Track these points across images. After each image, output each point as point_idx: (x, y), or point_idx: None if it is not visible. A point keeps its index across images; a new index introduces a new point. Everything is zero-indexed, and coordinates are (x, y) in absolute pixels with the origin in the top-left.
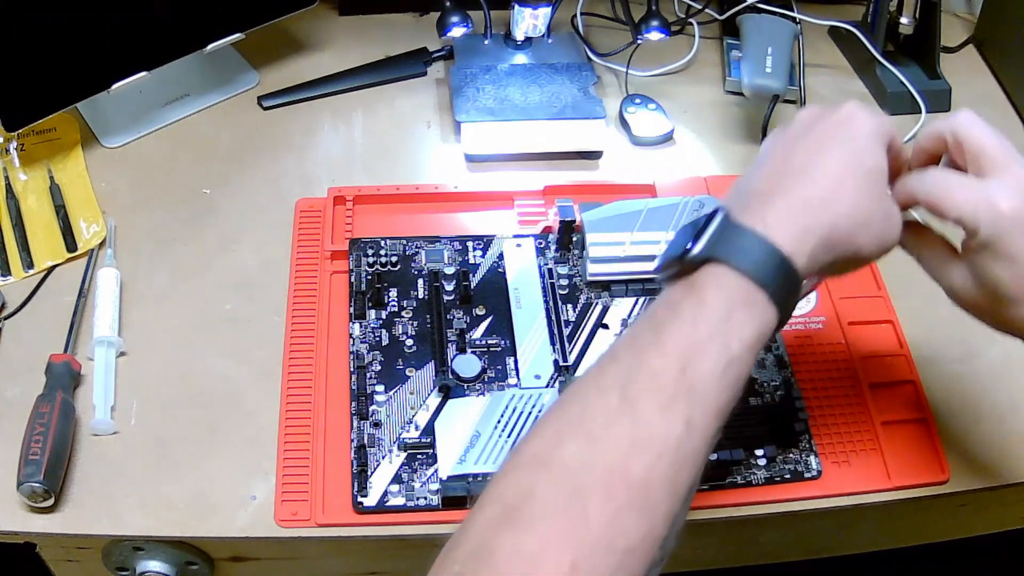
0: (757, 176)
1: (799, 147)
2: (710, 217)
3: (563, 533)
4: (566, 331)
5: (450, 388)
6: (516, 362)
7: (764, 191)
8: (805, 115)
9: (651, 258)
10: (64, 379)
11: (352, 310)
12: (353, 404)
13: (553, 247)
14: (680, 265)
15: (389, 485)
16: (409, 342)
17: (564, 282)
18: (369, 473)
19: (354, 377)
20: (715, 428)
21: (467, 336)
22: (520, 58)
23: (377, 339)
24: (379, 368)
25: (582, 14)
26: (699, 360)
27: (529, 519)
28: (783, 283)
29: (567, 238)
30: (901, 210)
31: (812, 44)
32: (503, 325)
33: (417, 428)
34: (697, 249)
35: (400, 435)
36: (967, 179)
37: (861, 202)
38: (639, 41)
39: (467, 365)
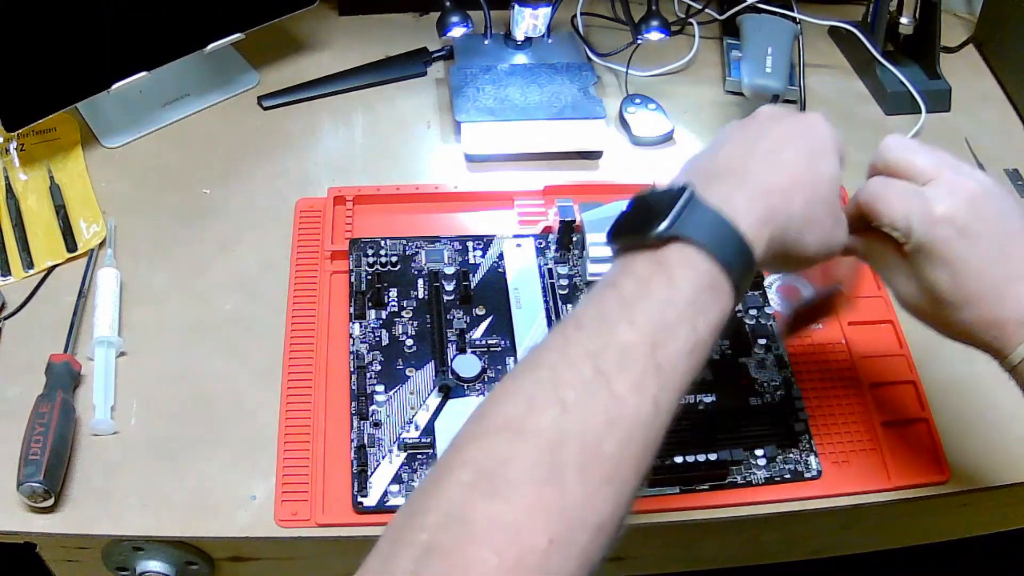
0: (721, 154)
1: (765, 135)
2: (677, 192)
3: (542, 505)
4: None
5: (450, 388)
6: (516, 362)
7: (730, 170)
8: (767, 111)
9: None
10: (64, 379)
11: (352, 310)
12: (353, 404)
13: (553, 247)
14: (644, 239)
15: (389, 485)
16: (409, 342)
17: (564, 282)
18: (369, 473)
19: (354, 377)
20: (675, 409)
21: (467, 336)
22: (520, 58)
23: (377, 339)
24: (379, 368)
25: (582, 14)
26: (668, 340)
27: (507, 488)
28: (745, 269)
29: (567, 238)
30: (851, 224)
31: (812, 44)
32: (503, 325)
33: (417, 428)
34: (665, 225)
35: (400, 435)
36: (901, 184)
37: (815, 203)
38: (639, 41)
39: (467, 365)
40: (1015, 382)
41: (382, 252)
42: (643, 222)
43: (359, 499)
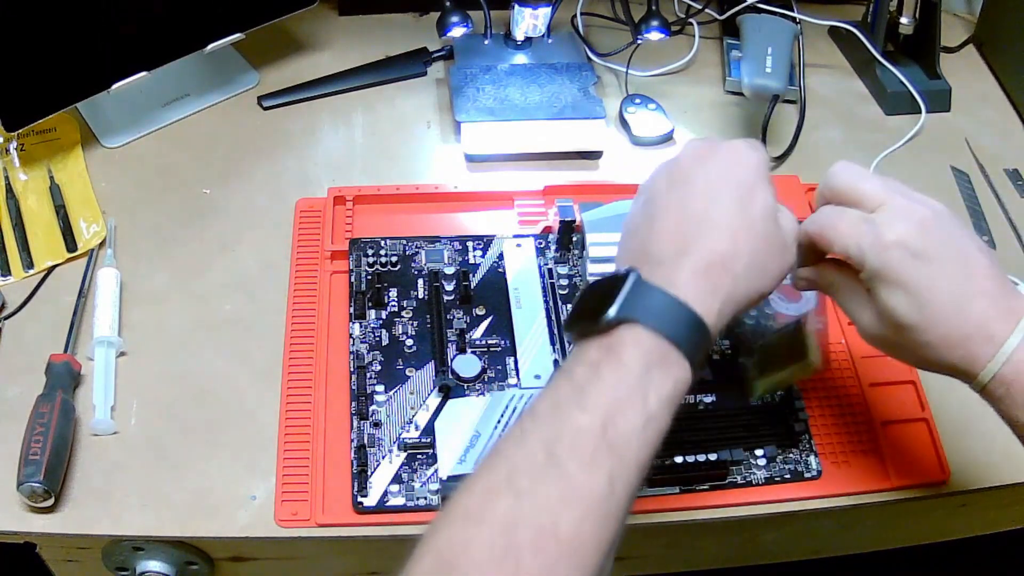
0: (656, 229)
1: (692, 194)
2: (623, 278)
3: None
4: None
5: (450, 388)
6: (516, 362)
7: (668, 248)
8: (690, 152)
9: None
10: (64, 379)
11: (352, 310)
12: (353, 404)
13: (553, 247)
14: (595, 326)
15: (389, 485)
16: (409, 342)
17: (564, 282)
18: (369, 473)
19: (354, 377)
20: (636, 484)
21: (467, 336)
22: (520, 58)
23: (377, 339)
24: (379, 368)
25: (582, 14)
26: (620, 418)
27: (465, 572)
28: (696, 340)
29: (567, 238)
30: (804, 255)
31: (812, 44)
32: (503, 325)
33: (417, 428)
34: (613, 312)
35: (400, 435)
36: (851, 212)
37: (757, 249)
38: (639, 41)
39: (467, 365)
40: (988, 402)
41: (382, 252)
42: (594, 309)
43: (359, 499)
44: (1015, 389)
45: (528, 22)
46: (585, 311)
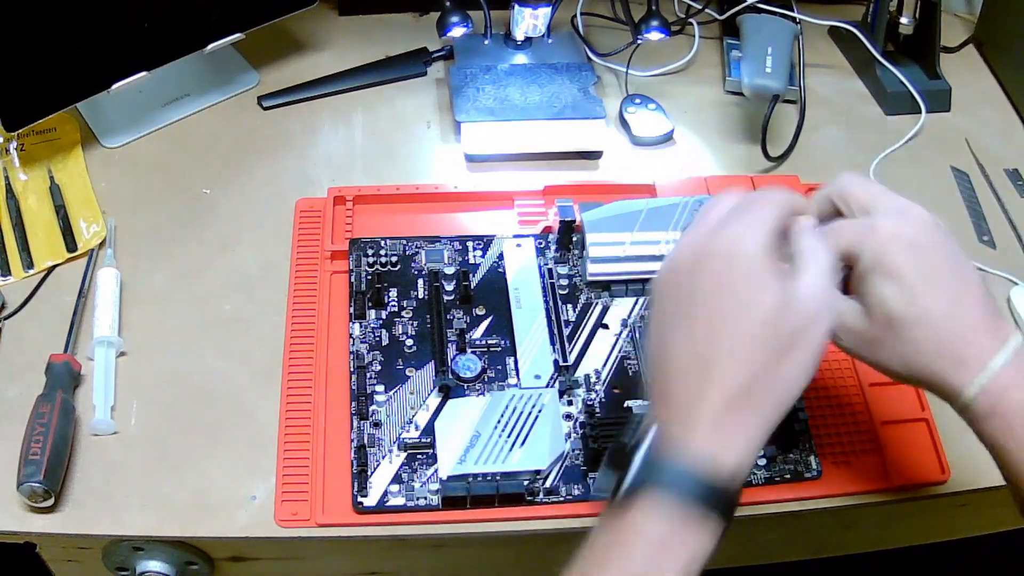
0: (671, 369)
1: (696, 321)
2: (639, 443)
3: None
4: (566, 331)
5: (450, 388)
6: (516, 362)
7: (684, 396)
8: (689, 251)
9: (651, 258)
10: (64, 379)
11: (352, 310)
12: (353, 404)
13: (553, 247)
14: (616, 492)
15: (389, 485)
16: (409, 342)
17: (564, 282)
18: (369, 473)
19: (354, 377)
20: None
21: (467, 336)
22: (520, 58)
23: (377, 339)
24: (379, 368)
25: (582, 14)
26: None
27: None
28: (717, 497)
29: (567, 238)
30: None
31: (812, 44)
32: (503, 325)
33: (417, 428)
34: (627, 484)
35: (400, 435)
36: (848, 219)
37: (779, 356)
38: (639, 41)
39: (467, 365)
40: (971, 424)
41: (382, 252)
42: (616, 472)
43: (359, 499)
44: (1000, 410)
45: (528, 22)
46: (609, 476)
